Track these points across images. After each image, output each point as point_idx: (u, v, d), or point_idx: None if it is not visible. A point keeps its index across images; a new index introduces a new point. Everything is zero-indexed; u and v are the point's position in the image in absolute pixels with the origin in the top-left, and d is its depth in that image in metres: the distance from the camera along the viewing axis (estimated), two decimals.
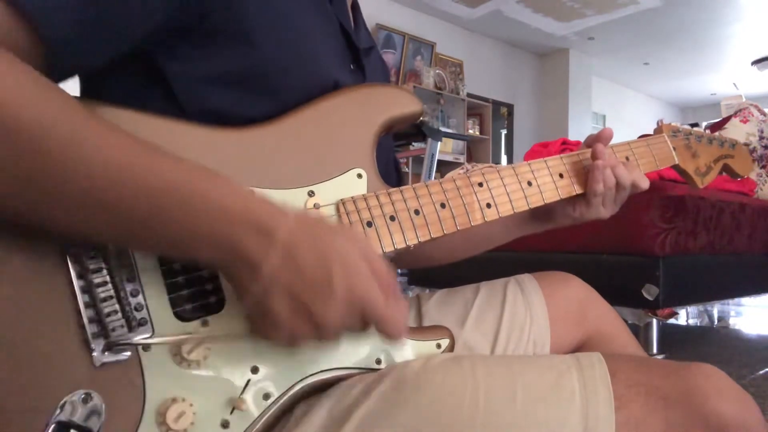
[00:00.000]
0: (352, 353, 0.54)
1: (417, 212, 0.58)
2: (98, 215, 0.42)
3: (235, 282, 0.45)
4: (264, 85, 0.56)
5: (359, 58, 0.69)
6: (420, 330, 0.59)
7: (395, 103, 0.61)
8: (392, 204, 0.57)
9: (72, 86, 0.57)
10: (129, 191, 0.41)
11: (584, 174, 0.70)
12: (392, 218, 0.57)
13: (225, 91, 0.55)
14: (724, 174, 0.89)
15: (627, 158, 0.75)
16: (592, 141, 0.74)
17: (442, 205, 0.60)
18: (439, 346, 0.58)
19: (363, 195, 0.57)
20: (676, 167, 0.81)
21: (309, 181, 0.55)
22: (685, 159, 0.81)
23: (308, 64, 0.59)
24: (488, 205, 0.62)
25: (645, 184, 0.72)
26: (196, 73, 0.54)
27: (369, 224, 0.56)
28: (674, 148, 0.80)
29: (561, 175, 0.69)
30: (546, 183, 0.67)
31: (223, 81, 0.55)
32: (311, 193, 0.55)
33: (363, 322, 0.47)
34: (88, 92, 0.58)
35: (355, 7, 0.75)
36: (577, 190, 0.69)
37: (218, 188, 0.44)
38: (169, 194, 0.42)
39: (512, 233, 0.80)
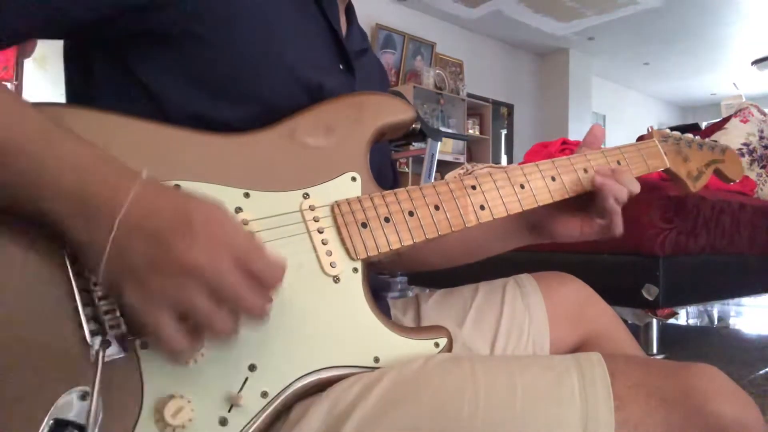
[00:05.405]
0: (350, 350, 0.54)
1: (411, 213, 0.59)
2: None
3: (85, 237, 0.42)
4: (239, 88, 0.57)
5: (349, 59, 0.69)
6: (417, 329, 0.59)
7: (388, 110, 0.63)
8: (386, 206, 0.58)
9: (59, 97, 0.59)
10: None
11: (577, 177, 0.70)
12: (387, 219, 0.58)
13: (202, 95, 0.56)
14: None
15: (618, 162, 0.75)
16: (586, 146, 0.74)
17: (436, 207, 0.60)
18: (437, 345, 0.58)
19: (357, 197, 0.58)
20: (667, 171, 0.81)
21: (304, 184, 0.56)
22: (677, 163, 0.81)
23: (284, 66, 0.60)
24: (482, 207, 0.63)
25: (637, 188, 0.70)
26: (171, 78, 0.55)
27: (364, 225, 0.57)
28: (665, 153, 0.80)
29: (553, 178, 0.69)
30: (539, 186, 0.67)
31: (197, 85, 0.56)
32: (306, 195, 0.56)
33: (235, 264, 0.43)
34: (75, 103, 0.59)
35: (349, 9, 0.75)
36: (570, 193, 0.69)
37: (70, 141, 0.44)
38: (23, 145, 0.42)
39: (509, 244, 0.79)
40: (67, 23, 0.52)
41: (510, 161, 6.67)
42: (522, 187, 0.66)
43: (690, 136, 0.86)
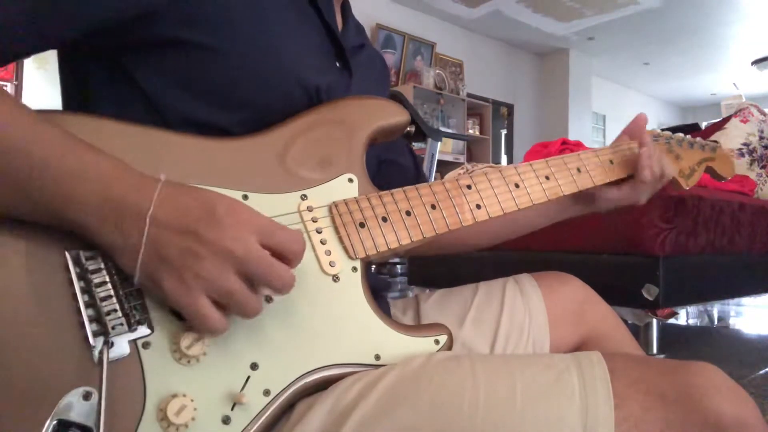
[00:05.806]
0: (351, 348, 0.54)
1: (408, 213, 0.60)
2: None
3: (118, 239, 0.44)
4: (236, 91, 0.58)
5: (346, 57, 0.69)
6: (418, 327, 0.59)
7: (382, 114, 0.63)
8: (383, 206, 0.59)
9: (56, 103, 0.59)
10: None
11: (570, 177, 0.72)
12: (384, 219, 0.58)
13: (198, 99, 0.57)
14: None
15: (611, 161, 0.76)
16: (632, 130, 0.80)
17: (433, 207, 0.61)
18: (437, 342, 0.58)
19: (355, 198, 0.58)
20: None
21: (301, 186, 0.57)
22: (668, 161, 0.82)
23: (282, 69, 0.60)
24: (478, 206, 0.64)
25: (670, 171, 0.79)
26: (168, 82, 0.56)
27: (362, 225, 0.57)
28: None
29: (547, 177, 0.70)
30: (533, 185, 0.68)
31: (194, 89, 0.56)
32: (304, 197, 0.56)
33: (261, 243, 0.46)
34: (71, 107, 0.59)
35: (345, 6, 0.75)
36: (565, 191, 0.71)
37: (90, 152, 0.46)
38: (57, 160, 0.44)
39: (554, 217, 0.84)
40: (90, 23, 0.52)
41: (510, 161, 6.67)
42: (517, 186, 0.67)
43: (681, 135, 0.88)
